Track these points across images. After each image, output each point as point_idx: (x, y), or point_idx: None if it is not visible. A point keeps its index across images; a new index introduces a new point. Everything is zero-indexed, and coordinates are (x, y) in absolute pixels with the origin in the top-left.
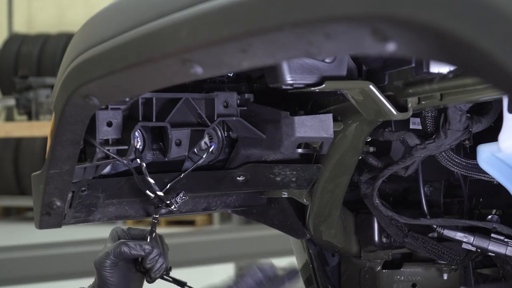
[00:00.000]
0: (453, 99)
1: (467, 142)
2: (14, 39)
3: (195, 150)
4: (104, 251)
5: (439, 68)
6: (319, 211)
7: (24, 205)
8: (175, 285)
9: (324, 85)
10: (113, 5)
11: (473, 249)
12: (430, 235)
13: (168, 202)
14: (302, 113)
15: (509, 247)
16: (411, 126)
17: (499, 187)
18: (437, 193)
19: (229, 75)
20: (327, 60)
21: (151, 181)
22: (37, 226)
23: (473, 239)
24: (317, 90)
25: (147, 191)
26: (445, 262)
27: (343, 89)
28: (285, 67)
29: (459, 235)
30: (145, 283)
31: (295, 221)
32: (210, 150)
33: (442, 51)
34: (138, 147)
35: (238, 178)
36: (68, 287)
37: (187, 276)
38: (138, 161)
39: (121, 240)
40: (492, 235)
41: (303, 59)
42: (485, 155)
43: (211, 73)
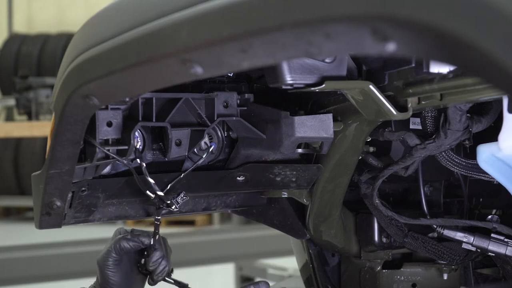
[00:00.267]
0: (453, 99)
1: (467, 142)
2: (14, 39)
3: (195, 150)
4: (106, 249)
5: (439, 68)
6: (319, 211)
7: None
8: (176, 287)
9: (324, 85)
10: (113, 5)
11: (473, 249)
12: (430, 235)
13: (168, 202)
14: (302, 113)
15: (509, 247)
16: (411, 126)
17: (499, 187)
18: (437, 193)
19: (229, 75)
20: (327, 60)
21: (151, 181)
22: (37, 226)
23: (473, 239)
24: (317, 90)
25: (148, 191)
26: (445, 262)
27: (343, 89)
28: (285, 67)
29: (459, 235)
30: (146, 284)
31: (295, 221)
32: (210, 150)
33: (442, 51)
34: (138, 147)
35: (238, 178)
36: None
37: (187, 276)
38: (138, 161)
39: (119, 236)
40: (492, 235)
41: (303, 59)
42: (485, 155)
43: (211, 73)
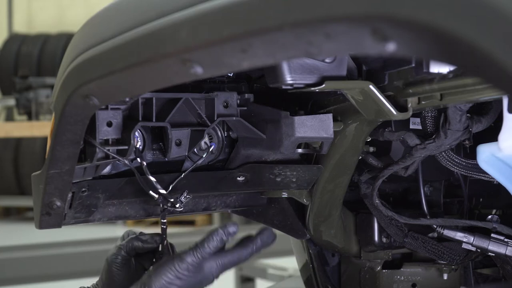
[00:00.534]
0: (453, 99)
1: (467, 142)
2: (14, 39)
3: (195, 150)
4: (117, 247)
5: (439, 68)
6: (319, 211)
7: (24, 205)
8: None
9: (324, 85)
10: (113, 5)
11: (473, 249)
12: (430, 235)
13: (172, 201)
14: (302, 113)
15: (509, 247)
16: (411, 126)
17: (499, 187)
18: (437, 193)
19: (229, 75)
20: (327, 60)
21: (153, 179)
22: (37, 226)
23: (473, 239)
24: (317, 90)
25: (151, 191)
26: (445, 262)
27: (343, 89)
28: (285, 67)
29: (459, 235)
30: None
31: (295, 221)
32: (210, 150)
33: (442, 51)
34: (138, 146)
35: (238, 178)
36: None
37: None
38: (139, 160)
39: (131, 236)
40: (492, 235)
41: (303, 59)
42: (485, 155)
43: (211, 73)
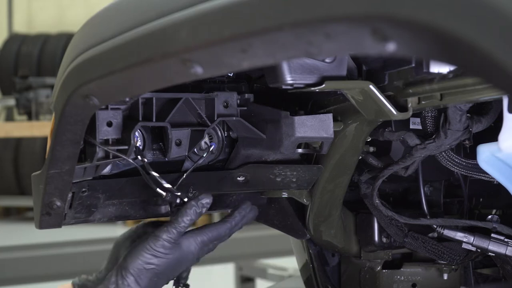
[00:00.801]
0: (453, 99)
1: (467, 142)
2: (14, 39)
3: (195, 150)
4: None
5: (439, 68)
6: (319, 211)
7: (24, 205)
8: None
9: (324, 85)
10: (113, 5)
11: (473, 249)
12: (430, 235)
13: (180, 194)
14: (302, 113)
15: (509, 247)
16: (411, 126)
17: (499, 187)
18: (437, 193)
19: (229, 75)
20: (327, 60)
21: (156, 174)
22: (37, 226)
23: (473, 239)
24: (317, 90)
25: (158, 189)
26: (445, 262)
27: (343, 89)
28: (285, 67)
29: (459, 235)
30: None
31: (295, 221)
32: (210, 150)
33: (442, 51)
34: (138, 145)
35: (238, 178)
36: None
37: None
38: (139, 158)
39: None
40: (492, 235)
41: (303, 59)
42: (485, 155)
43: (211, 73)
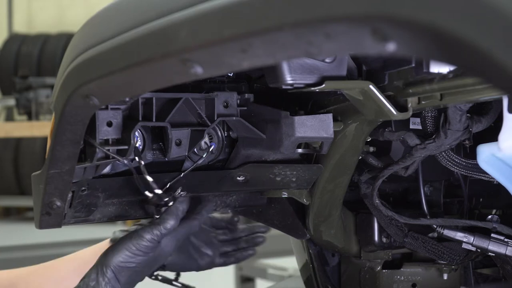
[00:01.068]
0: (453, 99)
1: (467, 142)
2: (14, 39)
3: (195, 150)
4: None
5: (439, 68)
6: (319, 211)
7: (24, 205)
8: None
9: (324, 85)
10: (113, 5)
11: (473, 249)
12: (430, 235)
13: (166, 200)
14: (302, 113)
15: (509, 247)
16: (411, 126)
17: (499, 187)
18: (437, 193)
19: (229, 75)
20: (327, 60)
21: (150, 179)
22: (37, 226)
23: (473, 239)
24: (317, 90)
25: (146, 191)
26: (445, 262)
27: (343, 89)
28: (285, 67)
29: (459, 235)
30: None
31: (295, 221)
32: (210, 150)
33: (442, 51)
34: (137, 146)
35: (238, 178)
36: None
37: (187, 276)
38: (137, 159)
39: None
40: (492, 235)
41: (303, 59)
42: (485, 155)
43: (211, 73)
